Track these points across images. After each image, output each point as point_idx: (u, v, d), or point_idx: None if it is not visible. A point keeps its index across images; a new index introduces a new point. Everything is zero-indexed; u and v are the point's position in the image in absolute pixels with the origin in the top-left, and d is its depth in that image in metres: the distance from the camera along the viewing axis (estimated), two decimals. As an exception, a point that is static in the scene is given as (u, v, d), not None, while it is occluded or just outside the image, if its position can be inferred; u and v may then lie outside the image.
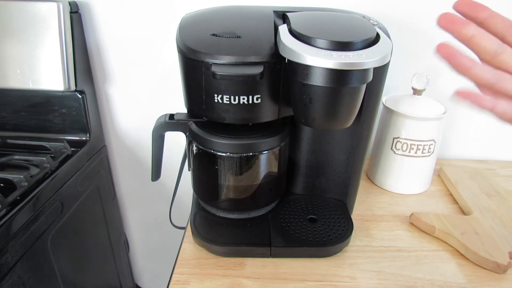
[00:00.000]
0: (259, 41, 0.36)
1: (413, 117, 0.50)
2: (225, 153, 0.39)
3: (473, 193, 0.53)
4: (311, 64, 0.30)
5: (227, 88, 0.35)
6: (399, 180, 0.55)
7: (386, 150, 0.54)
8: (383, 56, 0.30)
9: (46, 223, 0.49)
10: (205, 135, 0.40)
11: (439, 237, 0.45)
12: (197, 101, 0.38)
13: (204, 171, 0.42)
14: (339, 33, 0.33)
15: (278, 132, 0.41)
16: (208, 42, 0.36)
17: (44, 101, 0.57)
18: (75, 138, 0.60)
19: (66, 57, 0.54)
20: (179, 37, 0.37)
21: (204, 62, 0.34)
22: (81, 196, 0.59)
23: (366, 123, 0.41)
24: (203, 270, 0.39)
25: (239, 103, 0.36)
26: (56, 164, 0.53)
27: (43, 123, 0.59)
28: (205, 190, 0.44)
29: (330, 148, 0.46)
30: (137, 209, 0.78)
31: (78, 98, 0.57)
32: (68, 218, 0.55)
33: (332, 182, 0.48)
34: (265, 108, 0.37)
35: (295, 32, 0.33)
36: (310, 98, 0.34)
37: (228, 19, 0.40)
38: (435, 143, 0.52)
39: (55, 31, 0.53)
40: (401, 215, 0.50)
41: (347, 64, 0.29)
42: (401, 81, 0.56)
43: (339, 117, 0.35)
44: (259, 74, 0.33)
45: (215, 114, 0.37)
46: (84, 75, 0.59)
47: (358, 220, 0.48)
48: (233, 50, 0.35)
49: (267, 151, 0.40)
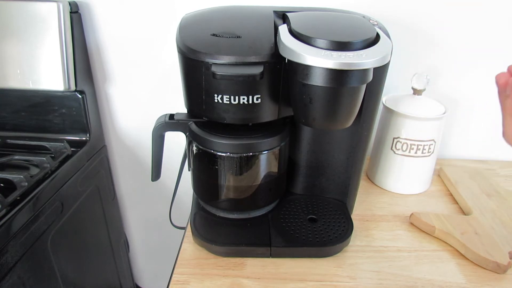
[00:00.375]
0: (259, 41, 0.36)
1: (413, 117, 0.50)
2: (225, 153, 0.39)
3: (473, 193, 0.53)
4: (311, 64, 0.30)
5: (227, 88, 0.35)
6: (399, 180, 0.55)
7: (386, 150, 0.54)
8: (383, 56, 0.30)
9: (46, 223, 0.49)
10: (205, 135, 0.40)
11: (439, 237, 0.45)
12: (197, 101, 0.38)
13: (204, 171, 0.42)
14: (339, 33, 0.33)
15: (278, 132, 0.41)
16: (208, 42, 0.36)
17: (44, 101, 0.57)
18: (75, 138, 0.60)
19: (66, 57, 0.54)
20: (179, 37, 0.37)
21: (204, 62, 0.34)
22: (81, 196, 0.59)
23: (366, 123, 0.41)
24: (203, 270, 0.39)
25: (239, 103, 0.36)
26: (56, 164, 0.53)
27: (43, 123, 0.59)
28: (205, 190, 0.44)
29: (330, 148, 0.46)
30: (137, 209, 0.78)
31: (78, 98, 0.57)
32: (68, 218, 0.55)
33: (332, 182, 0.48)
34: (265, 108, 0.37)
35: (295, 32, 0.33)
36: (310, 98, 0.34)
37: (228, 19, 0.40)
38: (435, 143, 0.52)
39: (55, 31, 0.53)
40: (401, 215, 0.50)
41: (347, 64, 0.29)
42: (401, 81, 0.56)
43: (339, 117, 0.35)
44: (259, 74, 0.33)
45: (215, 114, 0.37)
46: (84, 75, 0.59)
47: (358, 220, 0.48)
48: (233, 50, 0.35)
49: (267, 151, 0.40)
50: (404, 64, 0.59)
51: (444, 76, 0.60)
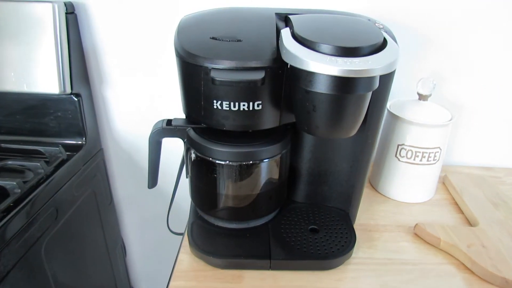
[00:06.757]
0: (260, 45, 0.34)
1: (418, 123, 0.49)
2: (224, 161, 0.38)
3: (479, 202, 0.51)
4: (315, 71, 0.28)
5: (227, 94, 0.34)
6: (403, 188, 0.53)
7: (390, 157, 0.53)
8: (391, 62, 0.29)
9: (40, 230, 0.48)
10: (203, 142, 0.38)
11: (445, 250, 0.44)
12: (196, 107, 0.36)
13: (202, 179, 0.41)
14: (345, 38, 0.32)
15: (279, 140, 0.39)
16: (207, 46, 0.34)
17: (39, 104, 0.56)
18: (71, 142, 0.58)
19: (62, 59, 0.52)
20: (177, 40, 0.36)
21: (203, 66, 0.33)
22: (76, 201, 0.58)
23: (371, 130, 0.39)
24: (200, 282, 0.38)
25: (239, 109, 0.34)
26: (51, 169, 0.51)
27: (38, 126, 0.57)
28: (203, 199, 0.43)
29: (333, 155, 0.44)
30: (134, 213, 0.77)
31: (74, 101, 0.56)
32: (63, 224, 0.53)
33: (334, 190, 0.46)
34: (266, 115, 0.36)
35: (298, 37, 0.31)
36: (314, 105, 0.32)
37: (229, 22, 0.39)
38: (440, 150, 0.50)
39: (50, 32, 0.51)
40: (405, 225, 0.48)
41: (353, 71, 0.28)
42: (405, 86, 0.55)
43: (343, 125, 0.33)
44: (261, 80, 0.32)
45: (214, 121, 0.36)
46: (80, 78, 0.58)
47: (361, 230, 0.47)
48: (233, 55, 0.33)
49: (268, 159, 0.39)
50: (409, 68, 0.57)
51: (450, 81, 0.59)
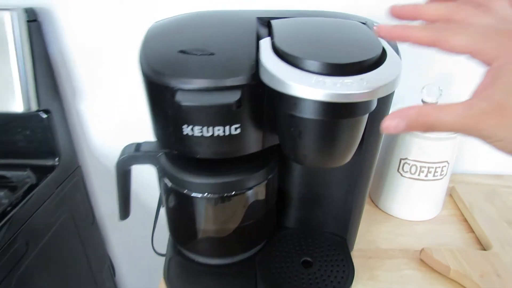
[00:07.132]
0: (236, 58, 0.29)
1: (423, 136, 0.43)
2: (202, 193, 0.33)
3: (491, 220, 0.46)
4: (299, 95, 0.23)
5: (198, 118, 0.28)
6: (407, 206, 0.48)
7: (392, 172, 0.48)
8: (391, 81, 0.24)
9: (5, 269, 0.43)
10: (176, 172, 0.33)
11: (455, 279, 0.39)
12: (164, 131, 0.31)
13: (178, 212, 0.36)
14: (335, 50, 0.26)
15: (264, 164, 0.34)
16: (174, 61, 0.29)
17: (3, 123, 0.51)
18: (42, 163, 0.53)
19: (25, 73, 0.47)
20: (142, 53, 0.31)
21: (168, 87, 0.28)
22: (52, 227, 0.53)
23: (369, 153, 0.34)
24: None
25: (213, 135, 0.29)
26: (19, 197, 0.46)
27: (5, 147, 0.52)
28: (180, 233, 0.38)
29: (327, 179, 0.39)
30: (121, 231, 0.73)
31: (42, 118, 0.51)
32: (36, 258, 0.49)
33: (329, 215, 0.41)
34: (246, 139, 0.30)
35: (279, 50, 0.26)
36: (300, 131, 0.27)
37: (202, 29, 0.33)
38: (448, 164, 0.45)
39: (10, 43, 0.46)
40: (410, 249, 0.43)
41: (344, 96, 0.22)
42: (408, 92, 0.49)
43: (335, 154, 0.28)
44: (235, 103, 0.27)
45: (186, 148, 0.31)
46: (49, 92, 0.52)
47: (360, 258, 0.42)
48: (204, 72, 0.28)
49: (252, 188, 0.34)
50: (412, 73, 0.51)
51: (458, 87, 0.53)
